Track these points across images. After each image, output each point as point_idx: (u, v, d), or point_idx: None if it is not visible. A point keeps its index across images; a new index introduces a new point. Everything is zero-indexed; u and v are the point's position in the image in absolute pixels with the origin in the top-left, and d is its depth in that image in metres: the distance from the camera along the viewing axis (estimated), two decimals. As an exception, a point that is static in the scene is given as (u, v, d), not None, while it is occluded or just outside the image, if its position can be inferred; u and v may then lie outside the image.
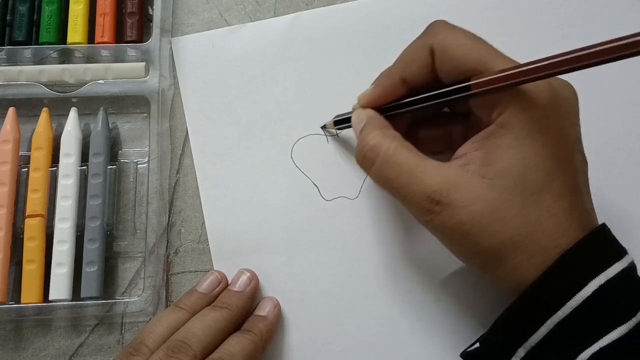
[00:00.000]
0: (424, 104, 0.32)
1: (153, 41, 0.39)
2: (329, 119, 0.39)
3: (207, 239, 0.38)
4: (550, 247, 0.28)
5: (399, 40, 0.40)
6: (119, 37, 0.40)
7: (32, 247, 0.36)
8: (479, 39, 0.30)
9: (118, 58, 0.40)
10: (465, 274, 0.37)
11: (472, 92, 0.29)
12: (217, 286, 0.36)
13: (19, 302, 0.36)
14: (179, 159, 0.39)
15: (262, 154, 0.39)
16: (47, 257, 0.36)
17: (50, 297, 0.36)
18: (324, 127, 0.39)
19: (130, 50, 0.40)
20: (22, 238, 0.36)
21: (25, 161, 0.38)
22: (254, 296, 0.36)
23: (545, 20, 0.40)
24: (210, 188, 0.39)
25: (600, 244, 0.29)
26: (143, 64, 0.39)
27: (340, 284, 0.37)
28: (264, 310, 0.36)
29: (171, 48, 0.41)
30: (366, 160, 0.32)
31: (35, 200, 0.37)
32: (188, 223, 0.39)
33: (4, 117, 0.38)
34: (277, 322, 0.36)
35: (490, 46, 0.30)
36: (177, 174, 0.39)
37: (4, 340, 0.37)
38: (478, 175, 0.29)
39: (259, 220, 0.38)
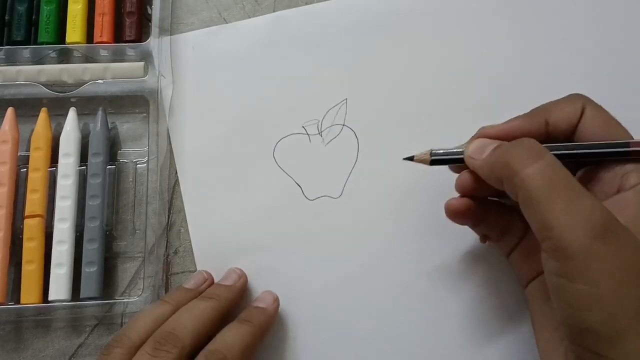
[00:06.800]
0: (578, 151, 0.31)
1: (152, 41, 0.39)
2: (310, 118, 0.39)
3: (206, 239, 0.38)
4: None
5: (384, 37, 0.40)
6: (117, 36, 0.40)
7: (31, 247, 0.36)
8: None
9: (117, 58, 0.40)
10: (450, 270, 0.37)
11: (630, 149, 0.30)
12: (204, 283, 0.36)
13: (18, 302, 0.36)
14: (179, 159, 0.39)
15: (245, 154, 0.39)
16: (47, 258, 0.36)
17: (50, 298, 0.36)
18: (410, 159, 0.34)
19: (129, 49, 0.40)
20: (22, 238, 0.36)
21: (24, 161, 0.38)
22: (242, 291, 0.36)
23: (541, 19, 0.40)
24: (192, 189, 0.39)
25: None
26: (142, 63, 0.39)
27: (326, 282, 0.37)
28: (265, 302, 0.35)
29: (170, 47, 0.41)
30: (519, 160, 0.27)
31: (34, 201, 0.37)
32: (187, 223, 0.39)
33: (3, 117, 0.38)
34: (275, 316, 0.36)
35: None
36: (176, 174, 0.39)
37: (3, 340, 0.37)
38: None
39: (243, 220, 0.38)
